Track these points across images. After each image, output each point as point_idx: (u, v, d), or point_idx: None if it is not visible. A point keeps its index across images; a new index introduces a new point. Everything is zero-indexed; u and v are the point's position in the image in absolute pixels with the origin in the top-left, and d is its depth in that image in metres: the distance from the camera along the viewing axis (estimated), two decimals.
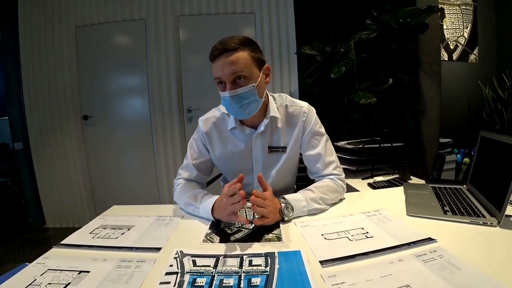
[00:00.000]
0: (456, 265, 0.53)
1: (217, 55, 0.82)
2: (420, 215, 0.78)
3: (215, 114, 1.03)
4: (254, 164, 1.01)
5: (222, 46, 0.82)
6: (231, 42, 0.82)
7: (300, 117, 0.99)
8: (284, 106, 1.00)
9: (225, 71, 0.82)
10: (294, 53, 2.54)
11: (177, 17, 2.60)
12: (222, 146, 1.01)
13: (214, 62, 0.84)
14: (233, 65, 0.81)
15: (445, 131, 2.12)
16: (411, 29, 1.83)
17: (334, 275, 0.52)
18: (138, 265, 0.59)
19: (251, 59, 0.84)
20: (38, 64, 2.58)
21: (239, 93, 0.83)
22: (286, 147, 1.00)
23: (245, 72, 0.83)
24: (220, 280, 0.53)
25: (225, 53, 0.82)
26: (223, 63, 0.82)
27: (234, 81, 0.83)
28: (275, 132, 0.99)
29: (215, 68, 0.84)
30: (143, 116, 2.69)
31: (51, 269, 0.59)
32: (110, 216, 0.90)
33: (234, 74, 0.82)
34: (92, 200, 2.78)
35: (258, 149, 0.99)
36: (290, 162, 1.03)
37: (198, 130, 1.04)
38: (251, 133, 0.97)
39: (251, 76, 0.84)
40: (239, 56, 0.82)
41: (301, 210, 0.82)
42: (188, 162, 1.04)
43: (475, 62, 2.65)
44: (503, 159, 0.75)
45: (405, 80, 1.94)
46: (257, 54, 0.87)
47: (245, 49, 0.84)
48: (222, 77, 0.83)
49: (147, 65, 2.61)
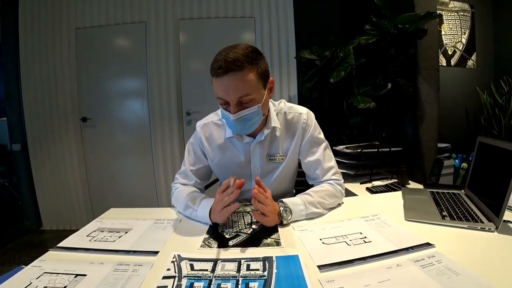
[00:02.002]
0: (454, 270, 0.53)
1: (221, 74, 0.75)
2: (418, 220, 0.78)
3: (213, 120, 1.00)
4: (252, 172, 1.00)
5: (227, 65, 0.74)
6: (237, 60, 0.74)
7: (299, 124, 0.98)
8: (283, 113, 0.98)
9: (230, 93, 0.77)
10: (294, 58, 2.56)
11: (177, 21, 2.61)
12: (220, 153, 0.99)
13: (216, 78, 0.77)
14: (238, 88, 0.76)
15: (443, 136, 2.13)
16: (409, 34, 1.84)
17: (332, 280, 0.52)
18: (135, 269, 0.59)
19: (258, 77, 0.79)
20: (37, 65, 2.59)
21: (244, 115, 0.80)
22: (285, 155, 0.99)
23: (251, 94, 0.78)
24: (217, 284, 0.53)
25: (230, 72, 0.74)
26: (228, 84, 0.76)
27: (239, 103, 0.79)
28: (274, 141, 0.98)
29: (218, 86, 0.78)
30: (142, 118, 2.69)
31: (47, 272, 0.58)
32: (108, 219, 0.89)
33: (240, 98, 0.78)
34: (90, 202, 2.76)
35: (257, 158, 0.98)
36: (289, 169, 1.02)
37: (196, 135, 1.02)
38: (249, 142, 0.95)
39: (257, 97, 0.80)
40: (245, 78, 0.76)
41: (299, 213, 0.82)
42: (185, 168, 1.02)
43: (473, 68, 2.67)
44: (500, 165, 0.75)
45: (404, 85, 1.95)
46: (262, 67, 0.80)
47: (252, 67, 0.77)
48: (226, 98, 0.78)
49: (147, 68, 2.62)
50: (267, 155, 0.98)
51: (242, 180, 0.75)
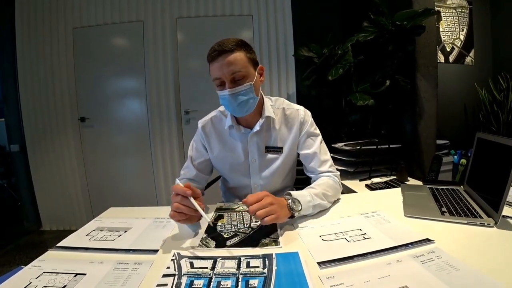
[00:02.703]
0: (453, 265, 0.53)
1: (216, 56, 0.86)
2: (417, 216, 0.78)
3: (214, 114, 1.08)
4: (251, 164, 1.03)
5: (220, 48, 0.85)
6: (228, 43, 0.86)
7: (297, 119, 1.04)
8: (281, 109, 1.05)
9: (224, 71, 0.86)
10: (292, 55, 2.55)
11: (174, 19, 2.60)
12: (220, 146, 1.05)
13: (212, 63, 0.88)
14: (231, 65, 0.85)
15: (442, 133, 2.14)
16: (407, 31, 1.84)
17: (332, 276, 0.52)
18: (135, 268, 0.59)
19: (247, 59, 0.89)
20: (35, 65, 2.58)
21: (237, 91, 0.88)
22: (282, 147, 1.03)
23: (243, 71, 0.87)
24: (217, 282, 0.53)
25: (223, 54, 0.85)
26: (222, 63, 0.85)
27: (233, 80, 0.87)
28: (272, 133, 1.03)
29: (214, 68, 0.88)
30: (141, 117, 2.69)
31: (46, 272, 0.58)
32: (107, 218, 0.89)
33: (233, 74, 0.86)
34: (89, 202, 2.76)
35: (254, 149, 1.02)
36: (287, 162, 1.05)
37: (198, 132, 1.09)
38: (246, 133, 1.01)
39: (248, 75, 0.89)
40: (236, 57, 0.86)
41: (307, 205, 0.80)
42: (188, 163, 1.08)
43: (471, 64, 2.67)
44: (499, 160, 0.75)
45: (402, 82, 1.95)
46: (252, 55, 0.92)
47: (241, 50, 0.88)
48: (222, 76, 0.87)
49: (145, 67, 2.61)
50: (266, 147, 1.02)
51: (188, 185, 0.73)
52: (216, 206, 0.97)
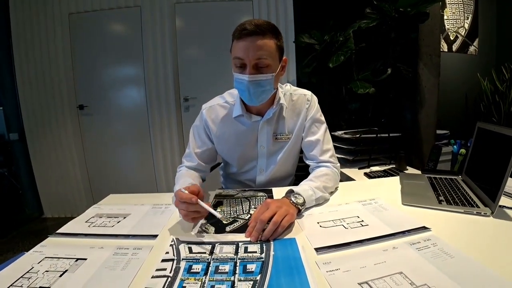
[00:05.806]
0: (449, 253, 0.54)
1: (245, 35, 0.79)
2: (415, 205, 0.79)
3: (219, 102, 1.02)
4: (259, 150, 1.02)
5: (252, 27, 0.78)
6: (262, 26, 0.79)
7: (304, 105, 1.02)
8: (289, 94, 1.02)
9: (250, 54, 0.80)
10: (292, 42, 2.51)
11: (172, 4, 2.54)
12: (227, 134, 1.01)
13: (238, 40, 0.81)
14: (259, 50, 0.80)
15: (442, 123, 2.13)
16: (411, 18, 1.80)
17: (329, 262, 0.53)
18: (134, 252, 0.60)
19: (276, 48, 0.84)
20: (31, 52, 2.53)
21: (257, 79, 0.83)
22: (290, 134, 1.02)
23: (269, 60, 0.82)
24: (215, 266, 0.53)
25: (254, 35, 0.79)
26: (249, 45, 0.79)
27: (255, 66, 0.82)
28: (281, 120, 1.00)
29: (238, 47, 0.81)
30: (140, 104, 2.67)
31: (48, 257, 0.59)
32: (106, 205, 0.89)
33: (258, 59, 0.81)
34: (90, 189, 2.78)
35: (264, 136, 1.00)
36: (294, 149, 1.05)
37: (201, 118, 1.03)
38: (257, 121, 0.98)
39: (272, 65, 0.84)
40: (266, 43, 0.80)
41: (309, 199, 0.80)
42: (190, 151, 1.03)
43: (475, 54, 2.63)
44: (498, 150, 0.75)
45: (404, 71, 1.93)
46: (281, 43, 0.86)
47: (273, 37, 0.82)
48: (245, 58, 0.81)
49: (143, 53, 2.57)
50: (274, 134, 1.01)
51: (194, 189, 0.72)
52: (215, 192, 0.97)
